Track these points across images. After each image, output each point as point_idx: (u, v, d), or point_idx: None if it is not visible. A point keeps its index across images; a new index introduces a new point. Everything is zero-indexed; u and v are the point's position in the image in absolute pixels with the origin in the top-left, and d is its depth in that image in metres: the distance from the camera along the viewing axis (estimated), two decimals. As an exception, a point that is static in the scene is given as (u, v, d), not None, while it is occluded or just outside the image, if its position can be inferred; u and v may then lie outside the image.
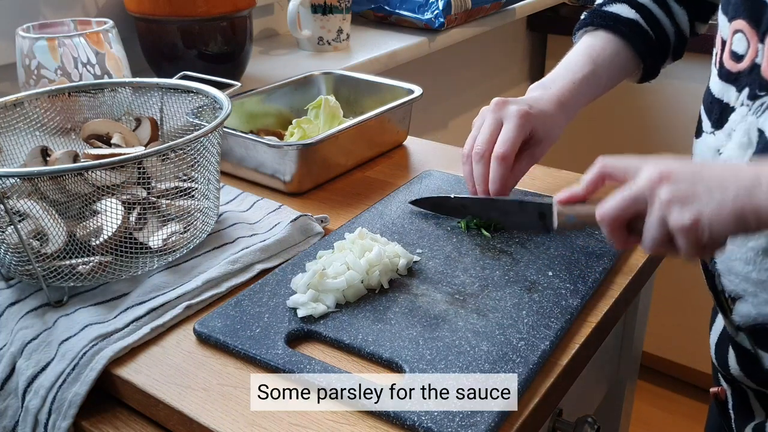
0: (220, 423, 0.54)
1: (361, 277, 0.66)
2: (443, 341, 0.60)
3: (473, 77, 1.75)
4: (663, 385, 2.07)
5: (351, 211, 0.84)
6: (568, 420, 0.68)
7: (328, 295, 0.65)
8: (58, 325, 0.64)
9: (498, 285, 0.68)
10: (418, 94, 0.98)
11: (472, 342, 0.60)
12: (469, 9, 1.50)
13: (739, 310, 0.69)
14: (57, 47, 0.89)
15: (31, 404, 0.60)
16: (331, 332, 0.62)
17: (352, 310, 0.65)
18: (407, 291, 0.67)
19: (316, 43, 1.38)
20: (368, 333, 0.62)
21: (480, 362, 0.58)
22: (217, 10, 1.08)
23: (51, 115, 0.81)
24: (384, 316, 0.64)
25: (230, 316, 0.64)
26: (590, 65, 0.84)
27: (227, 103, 0.74)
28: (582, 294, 0.66)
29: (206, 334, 0.62)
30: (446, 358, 0.58)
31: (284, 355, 0.59)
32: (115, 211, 0.69)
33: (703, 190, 0.55)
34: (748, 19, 0.68)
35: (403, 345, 0.60)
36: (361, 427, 0.54)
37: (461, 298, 0.66)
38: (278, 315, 0.64)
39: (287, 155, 0.84)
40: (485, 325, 0.62)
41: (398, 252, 0.70)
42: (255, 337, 0.61)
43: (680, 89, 1.77)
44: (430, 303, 0.65)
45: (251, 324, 0.63)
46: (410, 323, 0.63)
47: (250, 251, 0.72)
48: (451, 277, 0.69)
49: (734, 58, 0.70)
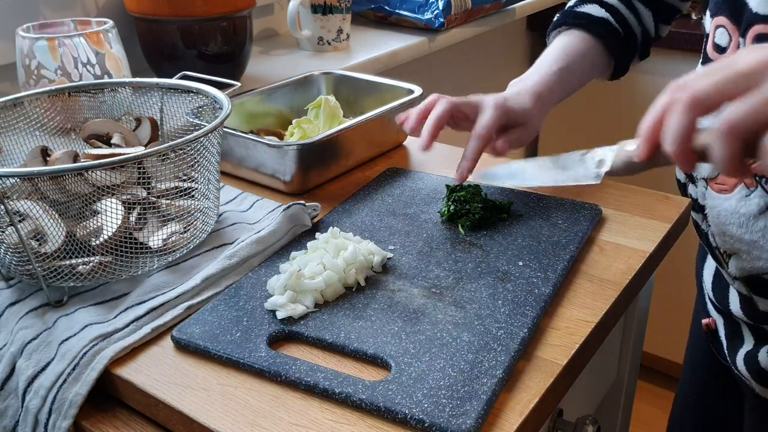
0: (220, 423, 0.54)
1: (338, 276, 0.67)
2: (425, 334, 0.61)
3: (473, 77, 1.75)
4: (663, 385, 2.07)
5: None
6: (568, 420, 0.68)
7: (307, 295, 0.65)
8: (58, 325, 0.64)
9: (472, 277, 0.69)
10: (418, 94, 0.98)
11: (453, 333, 0.61)
12: (469, 9, 1.50)
13: (733, 264, 0.76)
14: (57, 47, 0.89)
15: (31, 404, 0.60)
16: (312, 332, 0.62)
17: (331, 309, 0.65)
18: (384, 287, 0.68)
19: (316, 43, 1.38)
20: (350, 330, 0.62)
21: (463, 352, 0.59)
22: (217, 10, 1.08)
23: (51, 115, 0.81)
24: (364, 313, 0.64)
25: (208, 321, 0.64)
26: (564, 60, 0.89)
27: (227, 103, 0.74)
28: (553, 282, 0.68)
29: (185, 341, 0.62)
30: (430, 351, 0.59)
31: (268, 358, 0.59)
32: (115, 211, 0.69)
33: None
34: (729, 16, 0.72)
35: (387, 340, 0.60)
36: (361, 426, 0.54)
37: (438, 292, 0.67)
38: (257, 318, 0.64)
39: (287, 155, 0.84)
40: (464, 316, 0.63)
41: (372, 249, 0.71)
42: (236, 341, 0.61)
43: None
44: (407, 298, 0.66)
45: (230, 328, 0.63)
46: (391, 319, 0.63)
47: (245, 244, 0.72)
48: (426, 271, 0.70)
49: (717, 50, 0.75)
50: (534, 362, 0.59)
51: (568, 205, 0.81)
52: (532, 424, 0.56)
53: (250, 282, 0.69)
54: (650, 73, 1.80)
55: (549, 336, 0.62)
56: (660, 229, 0.78)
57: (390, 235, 0.77)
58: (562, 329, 0.63)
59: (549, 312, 0.65)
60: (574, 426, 0.67)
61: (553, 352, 0.60)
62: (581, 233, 0.75)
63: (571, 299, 0.67)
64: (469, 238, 0.76)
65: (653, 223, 0.79)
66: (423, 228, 0.78)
